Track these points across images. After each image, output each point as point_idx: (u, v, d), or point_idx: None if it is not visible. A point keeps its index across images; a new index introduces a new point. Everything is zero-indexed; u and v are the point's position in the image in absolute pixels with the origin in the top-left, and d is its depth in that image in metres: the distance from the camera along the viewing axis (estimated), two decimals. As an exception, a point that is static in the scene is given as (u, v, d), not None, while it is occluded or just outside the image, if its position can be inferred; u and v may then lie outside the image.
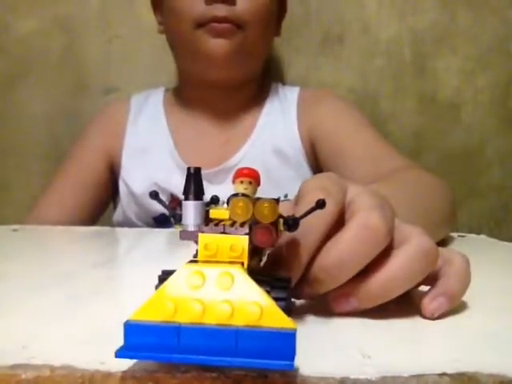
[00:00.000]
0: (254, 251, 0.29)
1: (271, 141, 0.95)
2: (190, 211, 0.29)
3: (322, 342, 0.29)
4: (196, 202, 0.29)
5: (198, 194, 0.29)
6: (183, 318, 0.24)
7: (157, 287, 0.28)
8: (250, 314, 0.24)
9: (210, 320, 0.24)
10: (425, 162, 1.10)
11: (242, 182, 0.30)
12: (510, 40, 1.17)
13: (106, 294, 0.40)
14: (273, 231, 0.29)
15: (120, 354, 0.23)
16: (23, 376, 0.24)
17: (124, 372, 0.24)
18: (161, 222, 0.94)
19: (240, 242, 0.27)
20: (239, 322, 0.23)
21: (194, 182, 0.29)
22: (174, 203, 0.93)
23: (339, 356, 0.27)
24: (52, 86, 1.19)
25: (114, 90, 1.19)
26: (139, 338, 0.23)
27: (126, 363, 0.25)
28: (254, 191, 0.30)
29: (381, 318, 0.34)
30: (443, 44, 1.16)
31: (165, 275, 0.28)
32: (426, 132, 1.18)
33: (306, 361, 0.26)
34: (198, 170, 0.30)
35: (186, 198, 0.29)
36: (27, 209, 0.97)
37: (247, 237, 0.28)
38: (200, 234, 0.28)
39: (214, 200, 0.32)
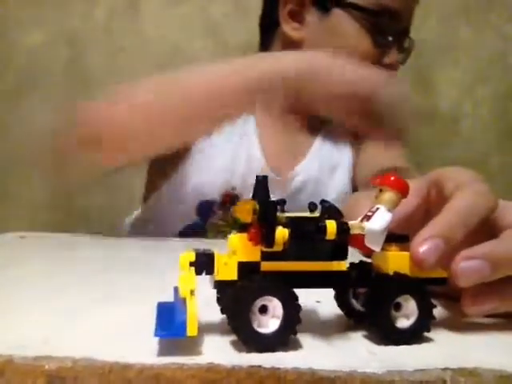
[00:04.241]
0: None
1: (329, 155, 0.96)
2: None
3: (331, 341, 0.31)
4: None
5: None
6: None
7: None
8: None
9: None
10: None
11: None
12: (509, 54, 1.19)
13: (117, 296, 0.41)
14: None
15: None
16: (46, 367, 0.25)
17: (142, 364, 0.25)
18: (191, 233, 0.91)
19: None
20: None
21: None
22: (228, 198, 0.90)
23: (348, 352, 0.29)
24: (57, 98, 1.21)
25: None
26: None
27: (144, 356, 0.26)
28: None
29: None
30: (443, 57, 1.18)
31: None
32: (426, 144, 1.19)
33: (317, 356, 0.27)
34: None
35: None
36: (30, 219, 0.98)
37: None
38: None
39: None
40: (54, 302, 0.39)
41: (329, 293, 0.35)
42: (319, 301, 0.38)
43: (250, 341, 0.28)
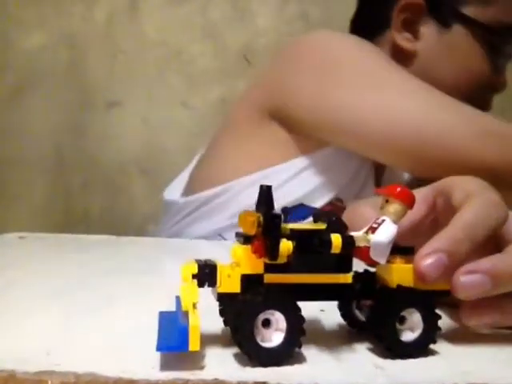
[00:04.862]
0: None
1: None
2: None
3: (336, 354, 0.30)
4: None
5: None
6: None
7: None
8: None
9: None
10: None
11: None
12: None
13: (120, 302, 0.41)
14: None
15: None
16: (49, 382, 0.24)
17: (147, 380, 0.25)
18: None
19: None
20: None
21: None
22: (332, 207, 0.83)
23: (353, 367, 0.28)
24: (57, 100, 1.21)
25: (116, 103, 1.20)
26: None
27: (147, 370, 0.26)
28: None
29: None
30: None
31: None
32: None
33: (322, 371, 0.27)
34: None
35: None
36: (29, 219, 0.97)
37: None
38: None
39: None
40: (55, 305, 0.38)
41: (333, 302, 0.34)
42: (323, 310, 0.37)
43: (254, 355, 0.28)
